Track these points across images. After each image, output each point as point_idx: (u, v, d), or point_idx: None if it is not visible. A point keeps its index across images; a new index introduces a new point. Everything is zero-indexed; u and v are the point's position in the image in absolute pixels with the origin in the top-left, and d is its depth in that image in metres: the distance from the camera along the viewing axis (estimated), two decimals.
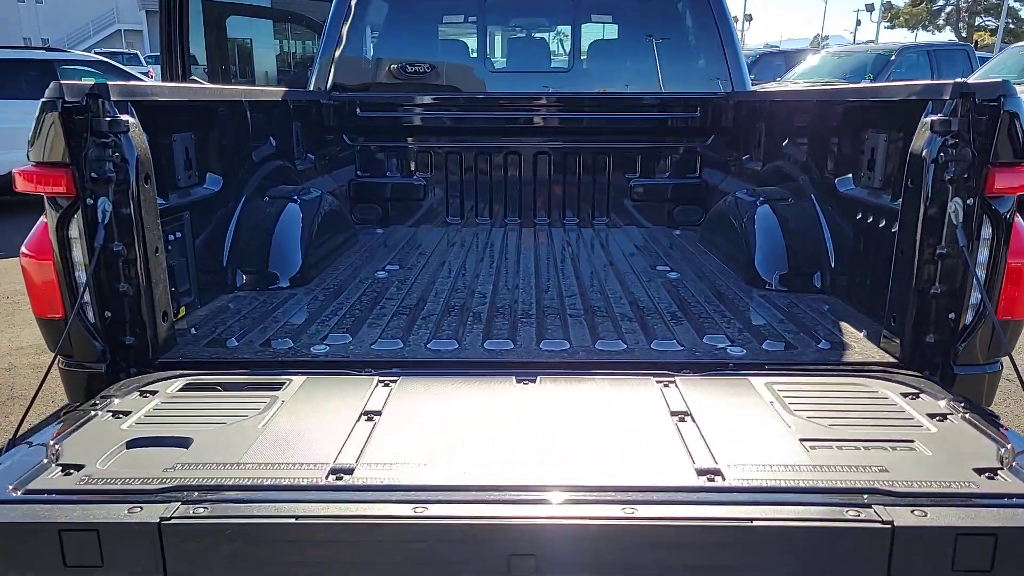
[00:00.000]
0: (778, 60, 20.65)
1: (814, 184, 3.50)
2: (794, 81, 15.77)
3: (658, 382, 2.26)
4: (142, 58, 30.08)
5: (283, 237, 3.60)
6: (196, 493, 1.63)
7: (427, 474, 1.72)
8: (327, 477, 1.70)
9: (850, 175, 3.16)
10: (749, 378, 2.29)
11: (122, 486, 1.66)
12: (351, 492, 1.65)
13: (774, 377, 2.30)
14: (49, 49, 12.13)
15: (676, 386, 2.23)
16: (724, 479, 1.68)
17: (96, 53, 16.43)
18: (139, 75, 14.83)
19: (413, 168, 5.13)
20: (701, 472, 1.71)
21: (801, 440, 1.86)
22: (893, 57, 15.42)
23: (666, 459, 1.79)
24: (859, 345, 2.61)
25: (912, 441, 1.85)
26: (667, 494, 1.63)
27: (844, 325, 2.82)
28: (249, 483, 1.67)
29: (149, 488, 1.65)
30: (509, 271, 3.80)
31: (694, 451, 1.81)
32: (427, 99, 5.07)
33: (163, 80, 5.39)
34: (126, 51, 32.75)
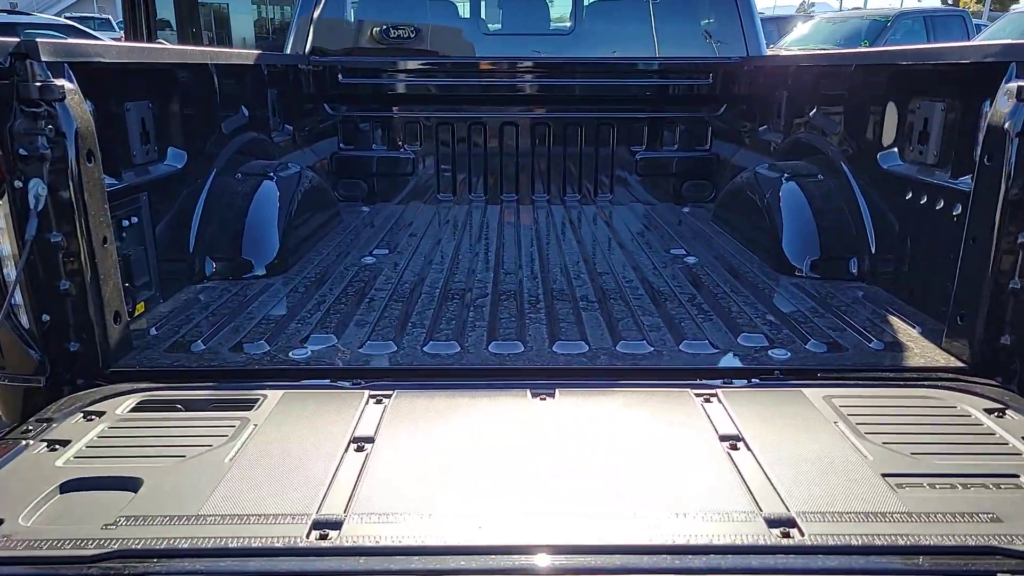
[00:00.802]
0: (770, 27, 20.19)
1: (849, 159, 3.16)
2: (787, 48, 15.37)
3: (697, 395, 1.94)
4: (114, 23, 29.07)
5: (258, 219, 3.22)
6: (142, 562, 1.29)
7: (433, 530, 1.38)
8: (308, 535, 1.36)
9: (895, 149, 2.82)
10: (802, 390, 1.97)
11: (48, 551, 1.31)
12: (339, 557, 1.31)
13: (830, 389, 1.98)
14: (12, 12, 11.50)
15: (719, 401, 1.90)
16: (802, 534, 1.35)
17: (66, 18, 15.69)
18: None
19: (401, 140, 4.74)
20: (772, 522, 1.39)
21: (884, 476, 1.54)
22: (889, 23, 15.06)
23: (726, 504, 1.46)
24: (917, 346, 2.29)
25: (1017, 476, 1.54)
26: (736, 557, 1.30)
27: (894, 320, 2.50)
28: (210, 545, 1.33)
29: (83, 554, 1.30)
30: (508, 254, 3.44)
31: (758, 492, 1.49)
32: (415, 64, 4.66)
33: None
34: (98, 16, 31.65)
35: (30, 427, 1.77)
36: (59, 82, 1.94)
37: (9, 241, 1.96)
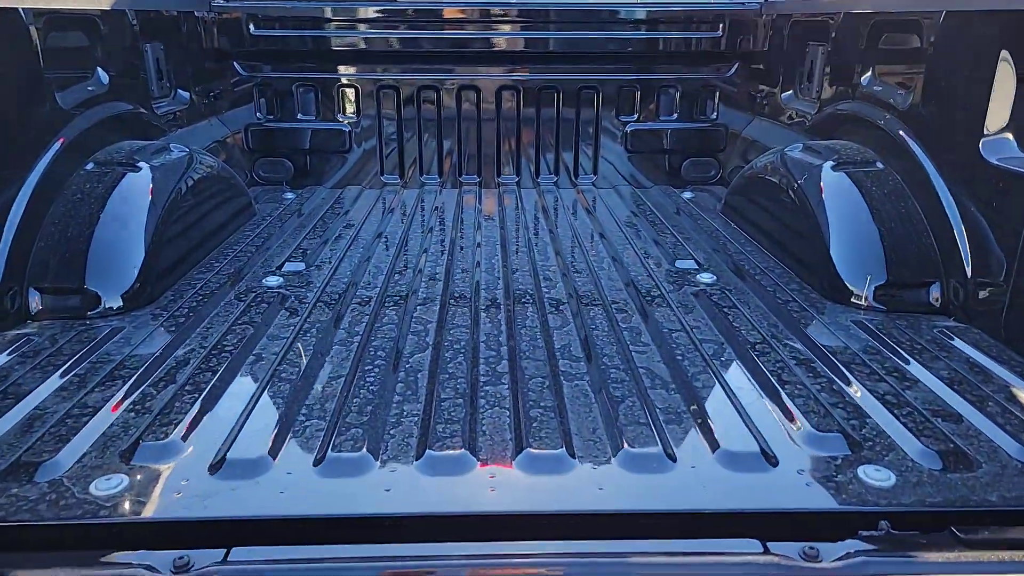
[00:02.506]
0: None
1: (928, 143, 2.32)
2: None
3: None
4: None
5: (113, 228, 2.32)
6: None
7: None
8: None
9: (1008, 135, 1.99)
10: (924, 555, 1.16)
11: None
12: None
13: (980, 562, 1.17)
14: None
15: None
16: None
17: None
18: None
19: (334, 108, 3.81)
20: None
21: None
22: None
23: None
24: None
25: None
26: None
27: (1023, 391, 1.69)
28: None
29: None
30: (461, 263, 2.59)
31: None
32: (349, 11, 3.71)
33: None
34: None
35: None
36: None
37: None
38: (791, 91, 3.35)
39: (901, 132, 2.46)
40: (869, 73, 2.70)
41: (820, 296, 2.28)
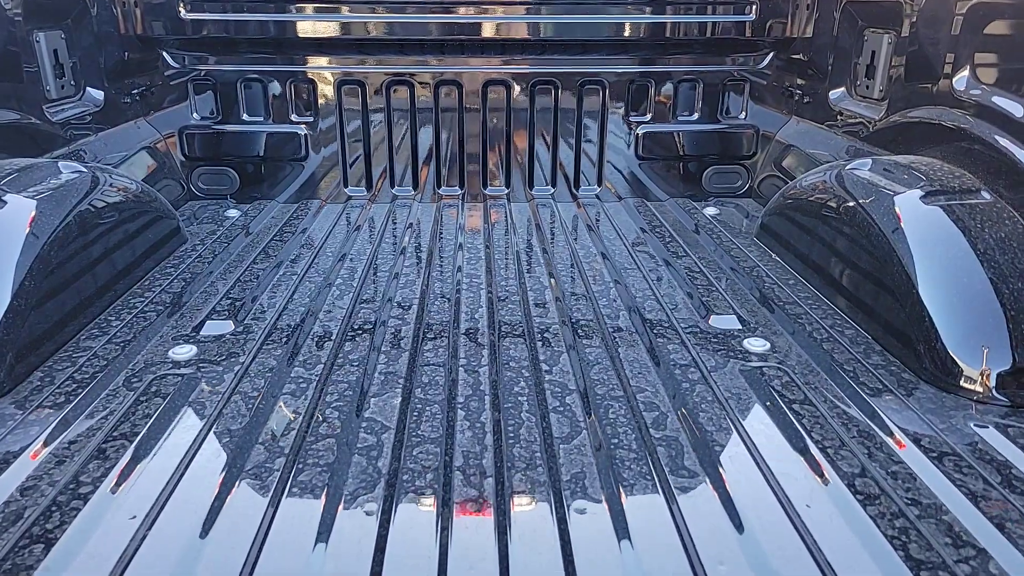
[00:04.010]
0: None
1: None
2: None
3: None
4: None
5: None
6: None
7: None
8: None
9: None
10: None
11: None
12: None
13: None
14: None
15: None
16: None
17: None
18: None
19: (287, 108, 3.18)
20: None
21: None
22: None
23: None
24: None
25: None
26: None
27: None
28: None
29: None
30: (436, 317, 1.99)
31: None
32: None
33: None
34: None
35: None
36: None
37: None
38: (842, 89, 2.74)
39: (1014, 150, 1.86)
40: (965, 72, 2.09)
41: (914, 375, 1.69)
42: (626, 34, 3.11)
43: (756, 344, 1.84)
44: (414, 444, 1.41)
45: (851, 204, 2.08)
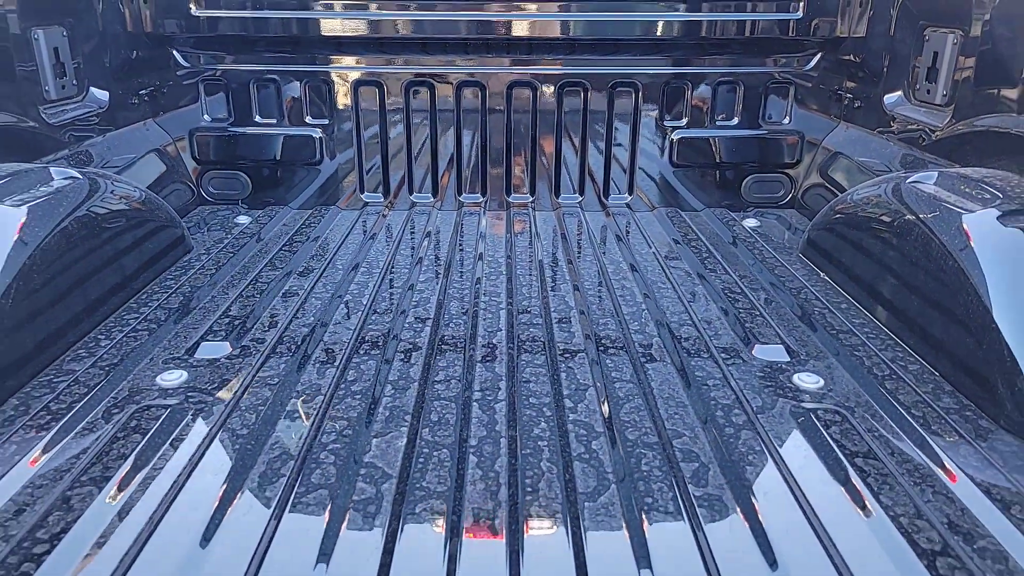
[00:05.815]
0: None
1: None
2: None
3: None
4: None
5: None
6: None
7: None
8: None
9: None
10: None
11: None
12: None
13: None
14: None
15: None
16: None
17: None
18: None
19: (303, 110, 3.03)
20: None
21: None
22: None
23: None
24: None
25: None
26: None
27: None
28: None
29: None
30: (448, 352, 1.81)
31: None
32: None
33: None
34: None
35: None
36: None
37: None
38: (899, 92, 2.52)
39: None
40: None
41: (991, 421, 1.48)
42: (660, 33, 2.91)
43: (808, 381, 1.63)
44: (418, 499, 1.23)
45: (911, 221, 1.87)
